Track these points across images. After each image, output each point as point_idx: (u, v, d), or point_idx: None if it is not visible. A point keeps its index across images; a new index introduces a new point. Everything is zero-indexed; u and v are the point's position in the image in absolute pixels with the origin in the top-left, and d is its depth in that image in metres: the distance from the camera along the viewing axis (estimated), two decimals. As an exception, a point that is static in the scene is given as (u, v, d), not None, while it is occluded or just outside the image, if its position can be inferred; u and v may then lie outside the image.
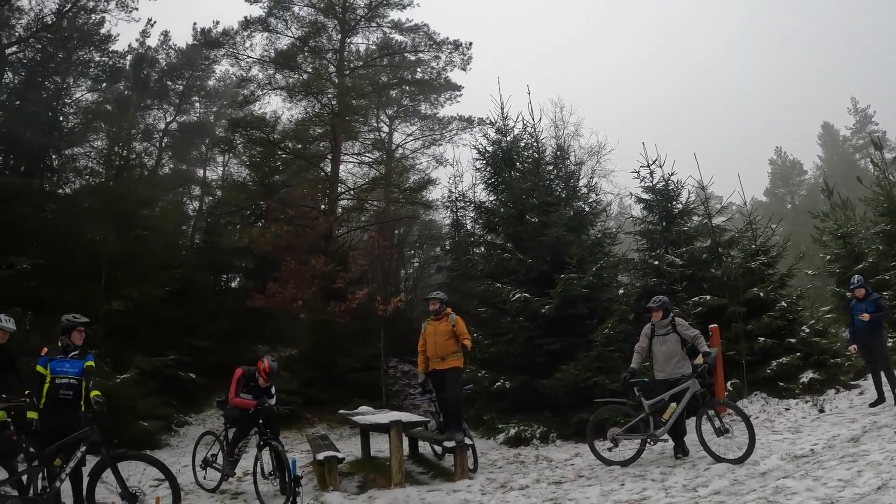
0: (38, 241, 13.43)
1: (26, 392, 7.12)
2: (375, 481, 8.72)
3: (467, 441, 9.02)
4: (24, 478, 6.23)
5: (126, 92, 23.22)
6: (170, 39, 25.88)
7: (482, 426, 12.66)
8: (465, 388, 9.50)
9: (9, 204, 12.85)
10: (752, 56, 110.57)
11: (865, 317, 10.04)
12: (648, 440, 8.58)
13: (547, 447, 11.08)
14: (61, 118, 17.55)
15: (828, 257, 18.23)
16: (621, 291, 13.47)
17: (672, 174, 14.96)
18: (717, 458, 7.82)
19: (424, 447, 11.04)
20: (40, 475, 6.29)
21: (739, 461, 7.55)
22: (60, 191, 15.18)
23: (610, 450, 8.98)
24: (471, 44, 23.48)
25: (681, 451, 8.62)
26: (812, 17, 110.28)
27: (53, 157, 14.63)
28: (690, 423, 8.71)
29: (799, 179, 57.67)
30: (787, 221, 23.85)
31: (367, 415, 10.10)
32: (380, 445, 11.07)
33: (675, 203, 15.05)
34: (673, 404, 8.39)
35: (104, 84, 22.08)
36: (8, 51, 17.63)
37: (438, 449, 10.32)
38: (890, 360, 10.36)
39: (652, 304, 8.96)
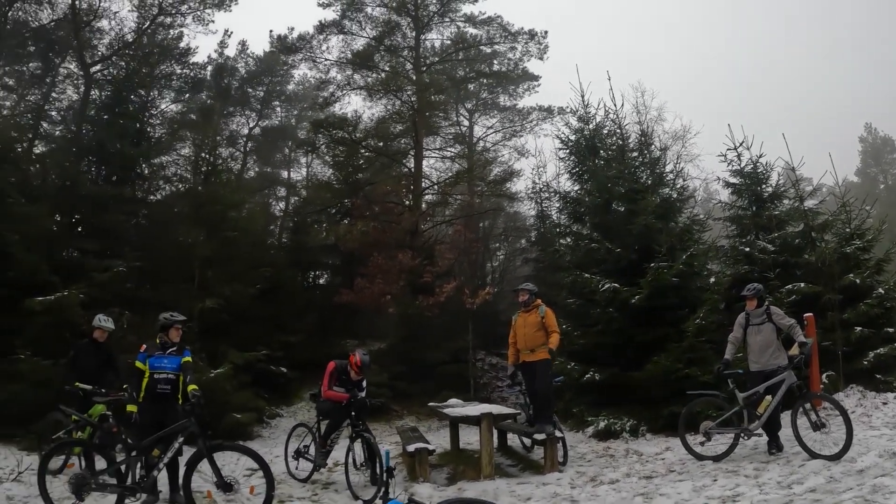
0: (133, 245, 14.17)
1: (124, 387, 7.49)
2: (465, 473, 8.77)
3: (557, 434, 8.96)
4: (123, 467, 6.52)
5: (209, 101, 24.02)
6: (247, 48, 26.59)
7: (571, 419, 12.53)
8: (555, 381, 9.42)
9: (103, 210, 13.58)
10: (840, 27, 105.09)
11: None
12: (742, 434, 8.27)
13: (637, 441, 10.88)
14: (148, 129, 18.36)
15: None
16: (712, 280, 13.05)
17: (761, 156, 14.49)
18: (813, 455, 7.45)
19: (513, 440, 11.03)
20: (138, 465, 6.59)
21: (836, 458, 7.17)
22: (151, 197, 15.96)
23: (702, 444, 8.70)
24: (546, 32, 23.38)
25: (775, 446, 8.27)
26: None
27: (143, 165, 15.35)
28: (785, 416, 8.35)
29: (892, 157, 54.68)
30: (882, 202, 22.55)
31: (457, 407, 10.17)
32: (468, 438, 11.12)
33: (764, 186, 14.55)
34: (768, 397, 8.07)
35: (187, 95, 23.22)
36: (93, 69, 18.68)
37: (528, 441, 10.28)
38: None
39: (746, 293, 8.64)
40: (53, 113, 19.08)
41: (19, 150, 14.02)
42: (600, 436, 11.37)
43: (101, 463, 6.88)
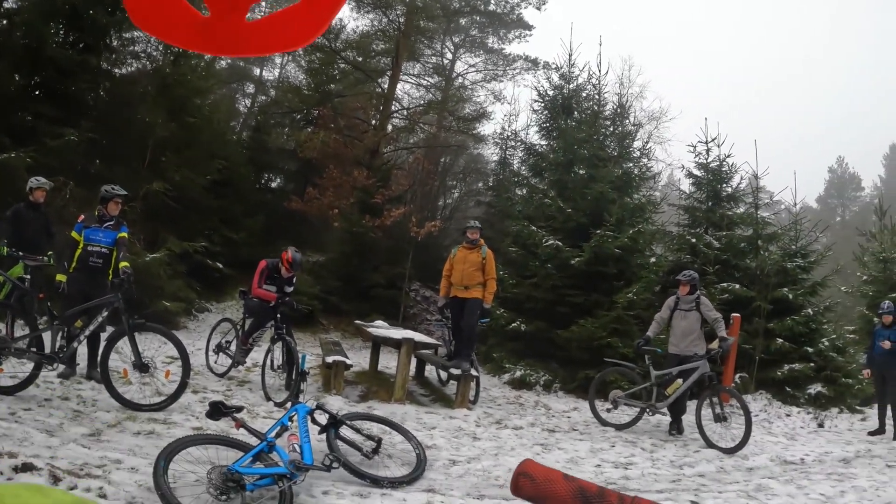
0: (90, 117, 13.63)
1: (49, 253, 7.37)
2: (377, 394, 8.95)
3: (473, 372, 9.16)
4: (45, 336, 6.44)
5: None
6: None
7: (490, 363, 12.82)
8: (481, 321, 9.56)
9: (65, 77, 13.05)
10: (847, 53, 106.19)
11: (887, 344, 9.92)
12: (647, 410, 8.64)
13: (548, 396, 11.25)
14: (125, 0, 17.42)
15: (864, 278, 17.95)
16: (653, 260, 13.37)
17: (728, 156, 14.77)
18: (710, 444, 7.88)
19: (430, 372, 11.27)
20: (59, 335, 6.52)
21: (730, 451, 7.61)
22: (117, 71, 15.29)
23: (608, 411, 9.08)
24: (550, -18, 22.87)
25: (676, 428, 8.71)
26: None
27: (114, 37, 14.66)
28: (691, 404, 8.77)
29: (854, 195, 56.75)
30: (833, 233, 23.44)
31: (382, 329, 10.23)
32: (388, 362, 11.32)
33: (725, 185, 14.85)
34: (679, 380, 8.41)
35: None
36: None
37: (444, 375, 10.53)
38: None
39: (681, 278, 8.90)
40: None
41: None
42: (514, 384, 11.70)
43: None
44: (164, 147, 14.19)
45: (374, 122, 21.14)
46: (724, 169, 14.75)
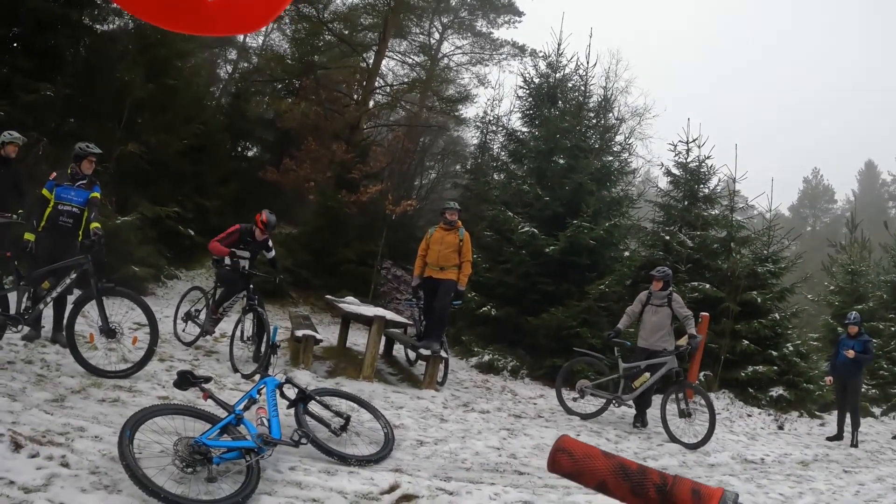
0: (67, 73, 13.31)
1: (19, 211, 7.16)
2: (346, 370, 8.93)
3: (442, 354, 9.19)
4: (10, 296, 6.29)
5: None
6: None
7: (459, 345, 12.85)
8: (453, 304, 9.55)
9: (45, 30, 12.71)
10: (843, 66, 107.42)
11: (851, 353, 10.15)
12: (614, 401, 8.72)
13: (515, 381, 11.31)
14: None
15: (831, 287, 18.55)
16: (626, 254, 13.48)
17: (708, 157, 14.93)
18: (673, 438, 8.01)
19: (399, 351, 11.24)
20: (25, 296, 6.36)
21: (693, 447, 7.75)
22: (98, 27, 14.88)
23: (575, 400, 9.17)
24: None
25: (640, 421, 8.82)
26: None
27: (97, -10, 14.28)
28: (657, 398, 8.88)
29: (826, 206, 58.16)
30: (803, 242, 24.01)
31: (353, 305, 10.15)
32: (356, 339, 11.28)
33: (702, 186, 15.00)
34: (647, 374, 8.49)
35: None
36: None
37: (412, 356, 10.51)
38: (859, 403, 10.69)
39: (655, 273, 8.95)
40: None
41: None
42: (482, 368, 11.74)
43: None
44: (141, 108, 13.92)
45: (356, 96, 20.93)
46: (702, 170, 14.89)
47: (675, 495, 0.97)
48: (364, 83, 21.06)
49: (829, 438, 10.42)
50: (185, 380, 4.50)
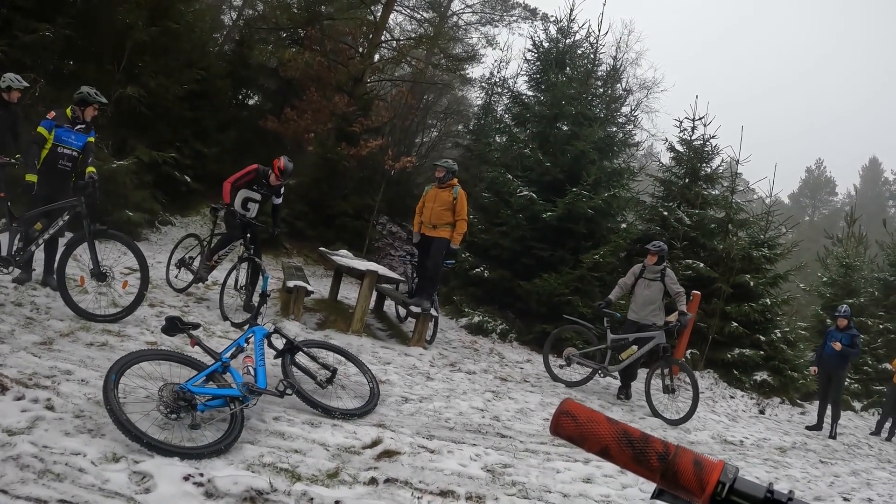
0: (68, 14, 13.03)
1: (16, 156, 7.05)
2: (335, 323, 8.95)
3: (433, 312, 9.21)
4: (2, 237, 6.28)
5: None
6: None
7: (449, 305, 12.90)
8: (447, 263, 9.51)
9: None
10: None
11: (838, 346, 10.25)
12: (599, 371, 8.80)
13: (503, 345, 11.38)
14: None
15: (824, 279, 18.69)
16: (623, 226, 13.46)
17: (713, 137, 14.80)
18: (655, 413, 8.11)
19: (389, 308, 11.29)
20: (17, 237, 6.33)
21: (674, 423, 7.85)
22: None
23: (561, 367, 9.24)
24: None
25: (624, 393, 8.92)
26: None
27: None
28: (642, 372, 8.95)
29: (827, 198, 58.24)
30: (800, 231, 24.17)
31: (346, 258, 10.12)
32: (348, 292, 11.32)
33: (704, 165, 14.90)
34: (634, 347, 8.54)
35: None
36: None
37: (402, 312, 10.58)
38: (841, 395, 10.81)
39: (651, 247, 8.93)
40: None
41: None
42: (471, 329, 11.79)
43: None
44: (142, 51, 13.65)
45: (361, 49, 20.63)
46: (706, 149, 14.80)
47: (676, 465, 0.98)
48: (370, 36, 20.74)
49: (808, 427, 10.58)
50: (174, 325, 4.52)
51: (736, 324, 12.78)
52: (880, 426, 12.11)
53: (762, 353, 12.71)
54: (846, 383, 12.54)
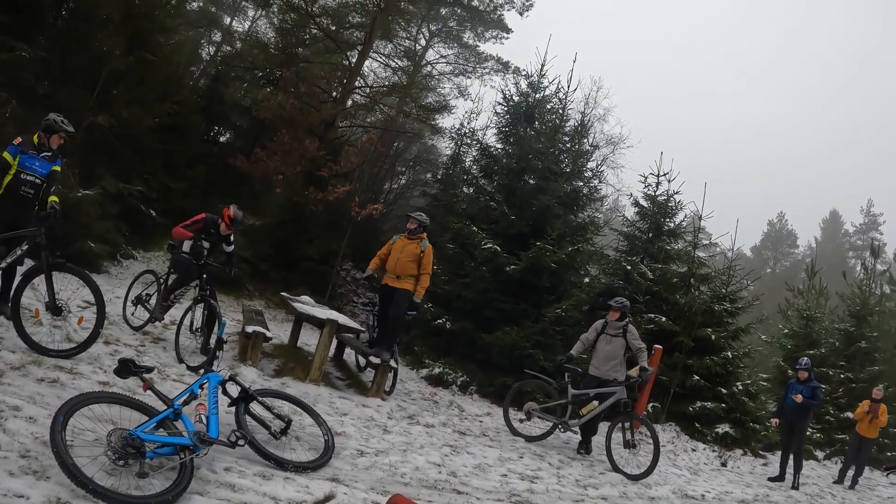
0: (47, 35, 12.96)
1: None
2: (294, 371, 8.76)
3: (392, 363, 9.13)
4: None
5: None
6: None
7: (410, 355, 12.82)
8: (408, 313, 9.45)
9: (28, -11, 12.37)
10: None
11: (799, 398, 10.35)
12: (560, 426, 8.78)
13: (463, 397, 11.30)
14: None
15: (785, 331, 19.03)
16: (586, 280, 13.60)
17: (677, 192, 15.14)
18: (616, 468, 8.06)
19: (349, 356, 11.15)
20: None
21: (634, 478, 7.81)
22: (84, -11, 14.50)
23: (521, 421, 9.20)
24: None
25: (584, 448, 8.89)
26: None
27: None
28: (603, 426, 8.94)
29: (788, 250, 59.41)
30: (762, 284, 24.72)
31: (307, 305, 10.01)
32: (308, 339, 11.15)
33: (668, 220, 15.20)
34: (595, 402, 8.55)
35: None
36: None
37: (362, 362, 10.46)
38: (803, 446, 10.93)
39: (613, 304, 9.01)
40: None
41: None
42: (431, 380, 11.71)
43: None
44: (118, 79, 13.56)
45: (334, 93, 20.79)
46: (670, 204, 15.11)
47: None
48: (345, 81, 20.92)
49: (770, 479, 10.62)
50: (127, 368, 4.41)
51: (697, 377, 12.87)
52: (843, 474, 12.26)
53: (724, 405, 12.80)
54: (808, 433, 12.64)
